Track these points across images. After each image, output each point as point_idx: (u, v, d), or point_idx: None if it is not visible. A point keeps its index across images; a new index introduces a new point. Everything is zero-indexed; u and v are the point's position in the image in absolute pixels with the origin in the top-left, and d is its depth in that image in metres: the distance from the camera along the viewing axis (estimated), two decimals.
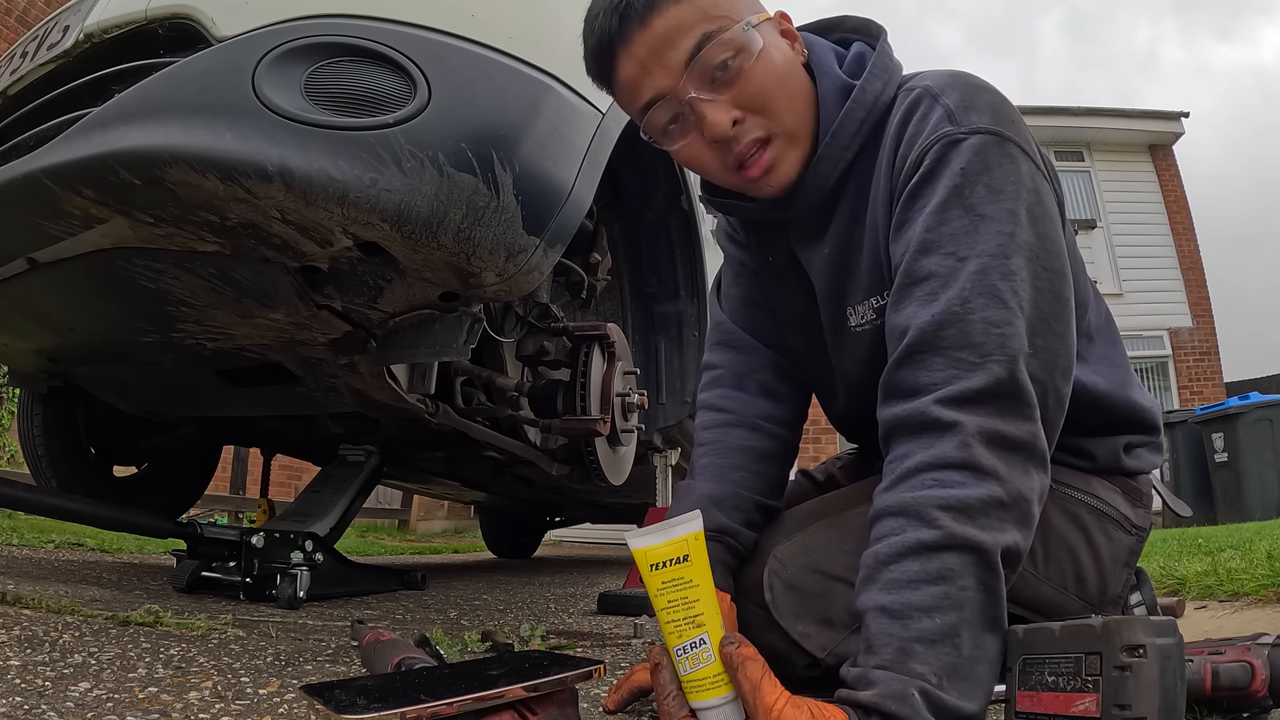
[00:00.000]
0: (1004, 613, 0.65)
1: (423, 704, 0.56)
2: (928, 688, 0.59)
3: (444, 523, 7.95)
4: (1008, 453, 0.66)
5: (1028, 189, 0.73)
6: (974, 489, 0.65)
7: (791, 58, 0.83)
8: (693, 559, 0.63)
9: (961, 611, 0.62)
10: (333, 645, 1.12)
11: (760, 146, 0.80)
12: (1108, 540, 0.90)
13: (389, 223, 0.95)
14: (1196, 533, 3.48)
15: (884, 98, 0.82)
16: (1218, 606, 1.54)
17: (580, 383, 1.58)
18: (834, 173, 0.83)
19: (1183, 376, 8.86)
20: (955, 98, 0.76)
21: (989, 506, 0.65)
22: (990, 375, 0.67)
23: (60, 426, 1.90)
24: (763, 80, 0.78)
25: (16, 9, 5.24)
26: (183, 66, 0.95)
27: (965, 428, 0.66)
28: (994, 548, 0.64)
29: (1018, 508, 0.66)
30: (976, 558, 0.64)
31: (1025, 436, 0.67)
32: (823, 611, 0.86)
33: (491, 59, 1.05)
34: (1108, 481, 0.92)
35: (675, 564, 0.62)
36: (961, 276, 0.69)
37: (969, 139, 0.73)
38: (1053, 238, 0.73)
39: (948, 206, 0.72)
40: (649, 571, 0.63)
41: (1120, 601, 0.95)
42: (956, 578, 0.63)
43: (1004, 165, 0.73)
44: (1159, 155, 9.60)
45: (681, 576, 0.62)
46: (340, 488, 1.87)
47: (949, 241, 0.71)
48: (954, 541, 0.63)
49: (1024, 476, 0.67)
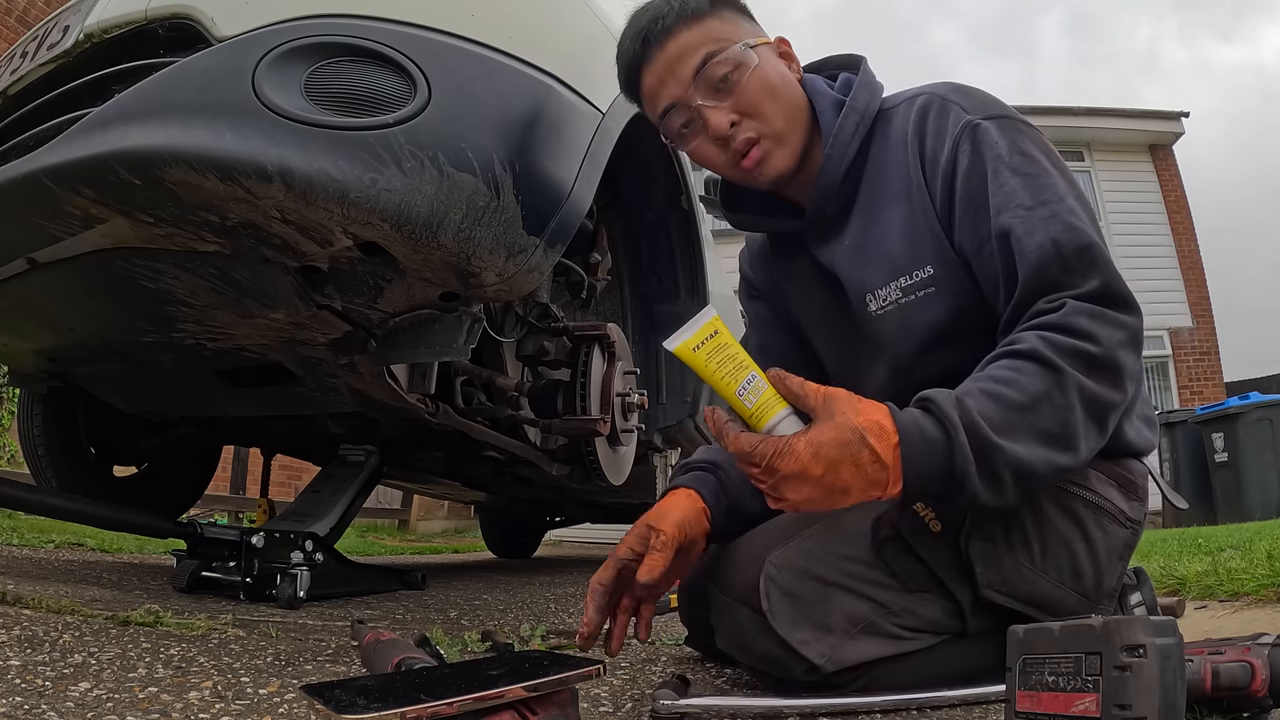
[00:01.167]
0: (1064, 430, 0.76)
1: (423, 704, 0.56)
2: (971, 412, 0.73)
3: (444, 523, 7.95)
4: (1115, 328, 0.79)
5: (1043, 148, 0.89)
6: (1069, 340, 0.77)
7: (786, 74, 0.99)
8: (720, 332, 0.76)
9: (1024, 392, 0.75)
10: (333, 645, 1.12)
11: (752, 144, 0.95)
12: (1103, 534, 0.92)
13: (389, 223, 0.95)
14: (1196, 533, 3.48)
15: (872, 106, 0.99)
16: (1218, 606, 1.54)
17: (580, 383, 1.58)
18: (842, 166, 0.97)
19: (1183, 376, 8.86)
20: (960, 98, 0.93)
21: (1078, 355, 0.77)
22: (1098, 283, 0.81)
23: (60, 426, 1.90)
24: (755, 90, 0.95)
25: (16, 9, 5.24)
26: (183, 66, 0.95)
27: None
28: (1072, 376, 0.76)
29: (1108, 366, 0.78)
30: (1055, 377, 0.76)
31: (1134, 325, 0.80)
32: (820, 617, 0.86)
33: (491, 59, 1.05)
34: (1103, 475, 0.93)
35: (710, 339, 0.76)
36: (1039, 218, 0.83)
37: (987, 123, 0.90)
38: (1076, 181, 0.89)
39: (1000, 177, 0.87)
40: (692, 354, 0.76)
41: (1116, 595, 0.96)
42: (1029, 376, 0.76)
43: (1022, 135, 0.89)
44: (1159, 155, 9.60)
45: (718, 344, 0.76)
46: (340, 488, 1.87)
47: (1014, 199, 0.85)
48: (1039, 357, 0.76)
49: (1121, 349, 0.79)
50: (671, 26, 0.95)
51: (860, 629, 0.86)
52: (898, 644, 0.88)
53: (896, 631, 0.88)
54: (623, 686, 0.96)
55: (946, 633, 0.90)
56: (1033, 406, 0.75)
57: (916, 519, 0.90)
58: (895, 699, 0.83)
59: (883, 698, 0.83)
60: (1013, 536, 0.88)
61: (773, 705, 0.82)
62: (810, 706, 0.82)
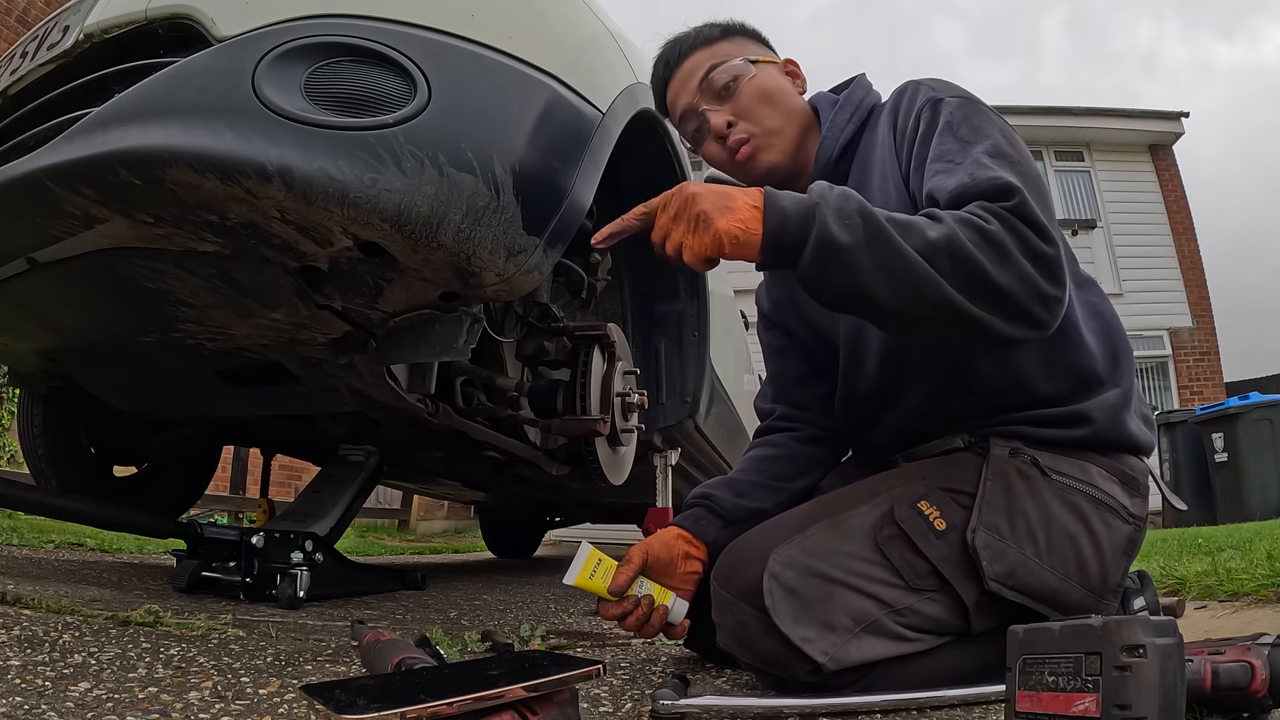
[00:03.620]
0: (930, 249, 0.80)
1: (423, 704, 0.56)
2: (826, 210, 0.81)
3: (444, 523, 7.95)
4: (1018, 238, 0.81)
5: (998, 125, 0.95)
6: (972, 218, 0.82)
7: (785, 86, 1.13)
8: (602, 559, 0.99)
9: (903, 220, 0.82)
10: (333, 645, 1.12)
11: (743, 142, 1.09)
12: (1107, 529, 0.93)
13: (389, 222, 0.94)
14: (1196, 533, 3.48)
15: (866, 102, 1.12)
16: (1218, 606, 1.54)
17: (580, 383, 1.58)
18: (836, 146, 1.09)
19: (1183, 376, 8.86)
20: (933, 82, 1.03)
21: (968, 224, 0.81)
22: (1013, 201, 0.83)
23: (60, 426, 1.90)
24: (751, 96, 1.10)
25: (16, 9, 5.24)
26: (183, 66, 0.95)
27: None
28: (955, 229, 0.80)
29: (995, 244, 0.81)
30: (939, 225, 0.81)
31: (1047, 252, 0.82)
32: (824, 615, 0.86)
33: (492, 59, 1.05)
34: (1105, 471, 0.95)
35: (597, 566, 0.99)
36: (964, 166, 0.89)
37: (949, 98, 0.98)
38: (1027, 155, 0.93)
39: (944, 138, 0.94)
40: (589, 581, 0.98)
41: (1120, 591, 0.97)
42: (920, 220, 0.82)
43: (980, 113, 0.96)
44: (1159, 155, 9.59)
45: (605, 569, 0.99)
46: (340, 488, 1.87)
47: (948, 155, 0.92)
48: (933, 215, 0.82)
49: (1015, 246, 0.81)
50: (688, 50, 1.13)
51: (864, 628, 0.87)
52: (900, 645, 0.88)
53: (900, 631, 0.88)
54: (623, 686, 0.96)
55: (950, 633, 0.90)
56: (905, 226, 0.81)
57: (921, 516, 0.90)
58: (895, 698, 0.83)
59: (882, 697, 0.83)
60: (1018, 530, 0.89)
61: (773, 705, 0.82)
62: (810, 706, 0.82)
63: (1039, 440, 0.96)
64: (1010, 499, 0.91)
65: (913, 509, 0.91)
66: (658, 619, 0.99)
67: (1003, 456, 0.94)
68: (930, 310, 0.80)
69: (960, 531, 0.89)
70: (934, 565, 0.88)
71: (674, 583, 1.04)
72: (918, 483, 0.95)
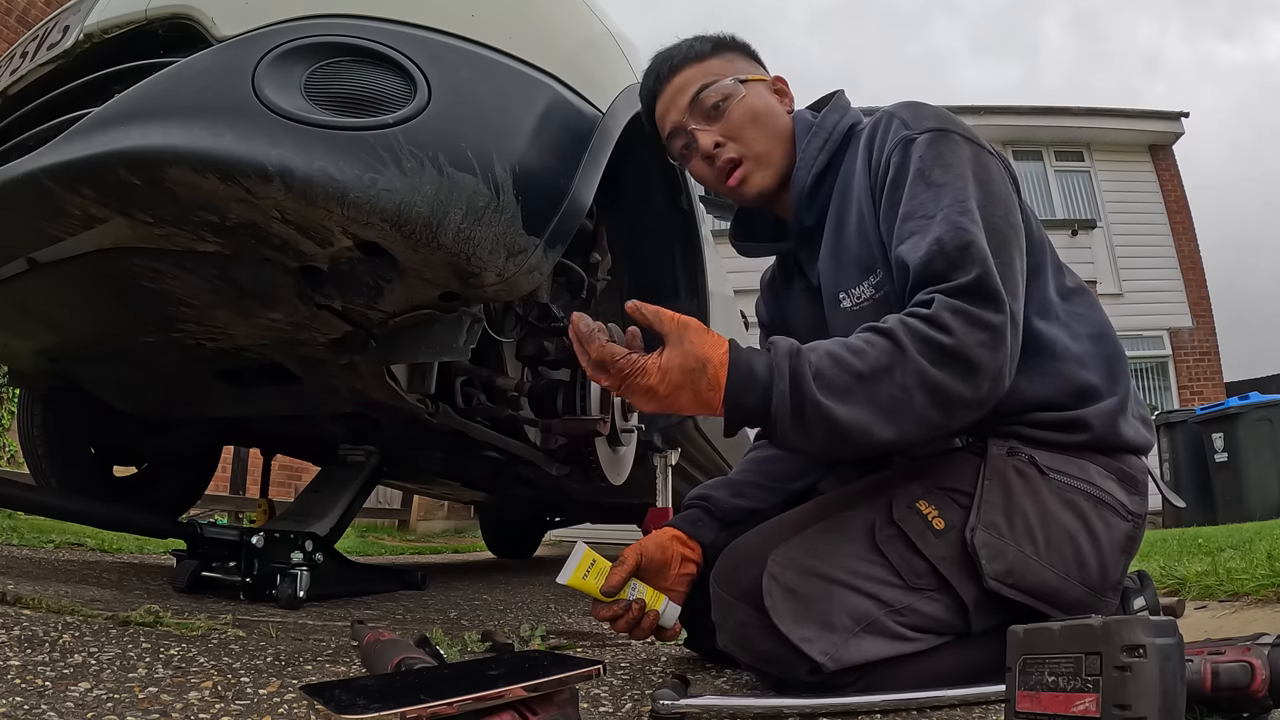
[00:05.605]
0: (894, 406, 0.82)
1: (423, 704, 0.56)
2: (803, 364, 0.81)
3: (444, 523, 7.95)
4: (974, 327, 0.83)
5: (970, 160, 0.94)
6: (925, 329, 0.83)
7: (774, 106, 1.12)
8: (596, 560, 0.98)
9: (866, 363, 0.82)
10: (333, 645, 1.12)
11: (734, 164, 1.09)
12: (1105, 526, 0.93)
13: (389, 223, 0.94)
14: (1196, 533, 3.48)
15: (842, 124, 1.10)
16: (1218, 606, 1.54)
17: (580, 382, 1.58)
18: (808, 177, 1.08)
19: (1183, 376, 8.86)
20: (907, 114, 1.00)
21: (929, 344, 0.82)
22: (970, 276, 0.84)
23: (60, 426, 1.90)
24: (740, 117, 1.09)
25: (16, 9, 5.24)
26: (183, 66, 0.95)
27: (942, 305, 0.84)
28: (915, 360, 0.81)
29: (959, 359, 0.82)
30: (900, 357, 0.82)
31: (996, 322, 0.84)
32: (824, 615, 0.86)
33: (492, 59, 1.05)
34: (1103, 469, 0.95)
35: (591, 567, 0.97)
36: (935, 222, 0.89)
37: (920, 136, 0.96)
38: (997, 191, 0.94)
39: (915, 187, 0.93)
40: (583, 581, 0.97)
41: (1120, 590, 0.97)
42: (878, 350, 0.82)
43: (950, 149, 0.95)
44: (1159, 155, 9.60)
45: (599, 569, 0.98)
46: (340, 488, 1.87)
47: (920, 209, 0.91)
48: (892, 336, 0.83)
49: (979, 347, 0.83)
50: (678, 65, 1.11)
51: (863, 627, 0.87)
52: (900, 644, 0.88)
53: (900, 631, 0.88)
54: (623, 686, 0.96)
55: (949, 633, 0.90)
56: (870, 377, 0.82)
57: (920, 516, 0.90)
58: (895, 698, 0.83)
59: (882, 697, 0.83)
60: (1016, 528, 0.89)
61: (773, 705, 0.82)
62: (810, 706, 0.82)
63: (1037, 440, 0.96)
64: (1009, 497, 0.91)
65: (911, 508, 0.91)
66: (648, 623, 1.00)
67: (1000, 455, 0.94)
68: (903, 439, 0.85)
69: (959, 530, 0.89)
70: (933, 564, 0.88)
71: (668, 584, 1.04)
72: (916, 482, 0.95)
